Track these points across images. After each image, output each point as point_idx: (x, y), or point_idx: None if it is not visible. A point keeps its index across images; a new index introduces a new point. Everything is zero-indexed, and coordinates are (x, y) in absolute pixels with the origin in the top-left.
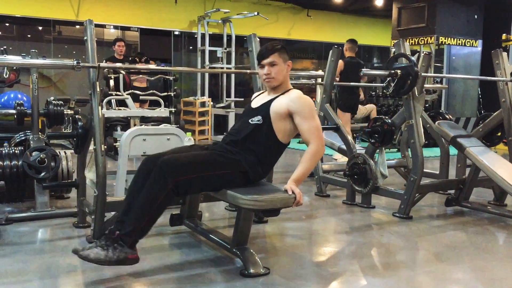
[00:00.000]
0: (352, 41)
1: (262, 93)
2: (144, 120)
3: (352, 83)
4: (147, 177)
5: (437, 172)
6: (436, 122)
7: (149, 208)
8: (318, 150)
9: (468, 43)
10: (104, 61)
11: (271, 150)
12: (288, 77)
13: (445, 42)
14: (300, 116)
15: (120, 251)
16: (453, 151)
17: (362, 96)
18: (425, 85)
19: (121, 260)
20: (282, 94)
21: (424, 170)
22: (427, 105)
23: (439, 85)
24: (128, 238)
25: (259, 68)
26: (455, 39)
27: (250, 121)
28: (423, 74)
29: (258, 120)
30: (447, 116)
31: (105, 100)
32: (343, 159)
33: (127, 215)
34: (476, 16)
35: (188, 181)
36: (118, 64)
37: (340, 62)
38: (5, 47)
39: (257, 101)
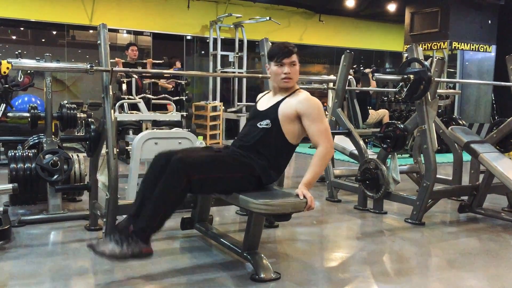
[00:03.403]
0: None
1: (267, 93)
2: (156, 124)
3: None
4: (160, 172)
5: (450, 178)
6: (449, 128)
7: (163, 205)
8: (327, 152)
9: (482, 48)
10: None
11: (282, 152)
12: None
13: (458, 47)
14: (308, 118)
15: (135, 245)
16: (466, 157)
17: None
18: (438, 91)
19: (136, 254)
20: (289, 95)
21: (437, 176)
22: (440, 110)
23: (452, 91)
24: (141, 233)
25: (276, 66)
26: (469, 44)
27: (258, 125)
28: (436, 79)
29: (267, 124)
30: (460, 122)
31: (117, 104)
32: None
33: (140, 210)
34: (489, 21)
35: (202, 180)
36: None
37: None
38: (19, 51)
39: (263, 103)
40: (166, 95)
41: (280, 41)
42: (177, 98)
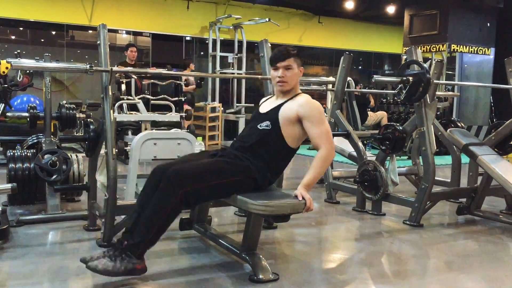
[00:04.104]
0: None
1: (270, 97)
2: (155, 124)
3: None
4: (155, 188)
5: (449, 180)
6: (448, 130)
7: (157, 219)
8: (328, 154)
9: (481, 51)
10: (116, 65)
11: (280, 155)
12: (298, 83)
13: (457, 49)
14: (309, 121)
15: (128, 261)
16: (464, 159)
17: (372, 102)
18: (437, 93)
19: (129, 271)
20: (290, 99)
21: (436, 178)
22: (438, 112)
23: (451, 93)
24: (136, 249)
25: (273, 70)
26: (467, 47)
27: (258, 126)
28: (435, 81)
29: (267, 126)
30: (459, 124)
31: (116, 104)
32: None
33: (135, 226)
34: (488, 24)
35: (197, 191)
36: (130, 68)
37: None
38: (19, 51)
39: (265, 106)
40: (165, 95)
41: (279, 42)
42: (176, 99)
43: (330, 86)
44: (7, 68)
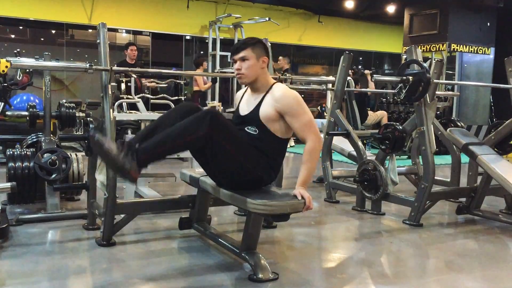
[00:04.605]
0: None
1: (245, 91)
2: None
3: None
4: (183, 116)
5: (448, 180)
6: (448, 129)
7: (175, 139)
8: (315, 145)
9: (481, 50)
10: (116, 65)
11: (277, 150)
12: (265, 74)
13: (457, 49)
14: (289, 115)
15: (129, 161)
16: (464, 158)
17: (372, 86)
18: (436, 92)
19: (124, 170)
20: (266, 93)
21: (435, 177)
22: (438, 112)
23: (450, 92)
24: (142, 154)
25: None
26: (467, 47)
27: (246, 129)
28: (435, 81)
29: (254, 131)
30: (458, 124)
31: (116, 103)
32: None
33: (150, 135)
34: (488, 24)
35: (218, 144)
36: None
37: None
38: (18, 49)
39: (243, 106)
40: (164, 95)
41: (279, 41)
42: (176, 98)
43: (330, 86)
44: (7, 67)
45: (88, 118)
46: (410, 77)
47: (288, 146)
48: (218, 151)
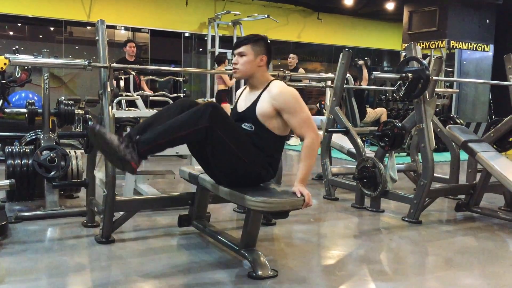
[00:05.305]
0: None
1: (245, 88)
2: None
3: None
4: (181, 111)
5: (448, 177)
6: (447, 127)
7: (176, 130)
8: (313, 142)
9: (480, 47)
10: (115, 62)
11: (275, 146)
12: (263, 71)
13: (456, 46)
14: (286, 112)
15: (130, 152)
16: (463, 156)
17: (365, 74)
18: (436, 89)
19: (124, 161)
20: (263, 90)
21: (434, 174)
22: (437, 109)
23: (450, 90)
24: (143, 146)
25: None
26: (466, 44)
27: (243, 126)
28: (434, 78)
29: (251, 127)
30: (458, 121)
31: (115, 101)
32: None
33: (151, 127)
34: (488, 21)
35: (218, 137)
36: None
37: None
38: (17, 46)
39: (241, 103)
40: (164, 92)
41: (278, 39)
42: (175, 95)
43: (329, 83)
44: (5, 64)
45: (87, 115)
46: (410, 74)
47: (298, 143)
48: (217, 145)
